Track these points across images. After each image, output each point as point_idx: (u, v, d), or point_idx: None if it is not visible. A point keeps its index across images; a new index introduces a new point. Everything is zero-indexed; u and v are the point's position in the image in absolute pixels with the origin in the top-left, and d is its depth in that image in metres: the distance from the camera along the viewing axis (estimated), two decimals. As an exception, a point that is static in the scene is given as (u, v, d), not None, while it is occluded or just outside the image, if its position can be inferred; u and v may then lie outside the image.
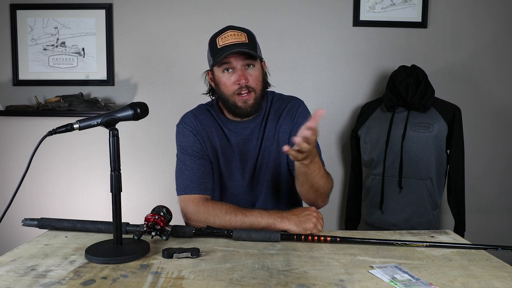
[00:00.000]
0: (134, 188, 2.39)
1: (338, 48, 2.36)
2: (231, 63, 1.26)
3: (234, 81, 1.27)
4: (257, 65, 1.30)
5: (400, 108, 2.01)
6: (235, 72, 1.27)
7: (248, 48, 1.24)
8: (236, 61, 1.26)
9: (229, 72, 1.28)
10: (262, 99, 1.34)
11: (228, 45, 1.24)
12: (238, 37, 1.26)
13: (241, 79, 1.26)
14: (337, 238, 1.12)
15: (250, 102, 1.29)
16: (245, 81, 1.26)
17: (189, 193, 1.29)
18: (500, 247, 1.09)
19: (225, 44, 1.25)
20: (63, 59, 2.34)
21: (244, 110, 1.30)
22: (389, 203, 1.99)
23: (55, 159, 2.36)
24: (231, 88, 1.28)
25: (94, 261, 0.97)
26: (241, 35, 1.27)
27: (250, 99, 1.29)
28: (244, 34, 1.28)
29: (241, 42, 1.25)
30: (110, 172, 1.01)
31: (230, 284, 0.85)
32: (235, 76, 1.27)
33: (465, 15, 2.34)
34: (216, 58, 1.26)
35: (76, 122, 1.01)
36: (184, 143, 1.35)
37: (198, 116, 1.38)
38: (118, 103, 2.33)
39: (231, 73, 1.28)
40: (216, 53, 1.26)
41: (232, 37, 1.26)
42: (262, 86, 1.33)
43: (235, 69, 1.27)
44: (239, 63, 1.26)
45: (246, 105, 1.29)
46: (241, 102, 1.29)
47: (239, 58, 1.26)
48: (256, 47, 1.30)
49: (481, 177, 2.40)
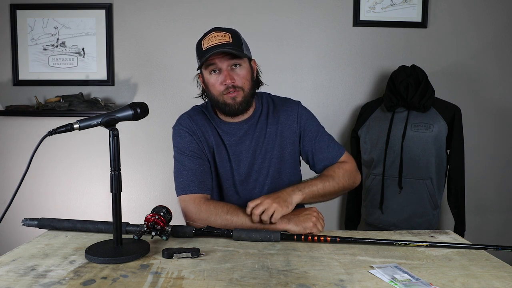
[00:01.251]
0: (134, 188, 2.39)
1: (338, 48, 2.36)
2: (216, 64, 1.26)
3: (221, 82, 1.28)
4: (244, 64, 1.30)
5: (400, 108, 2.01)
6: (221, 72, 1.28)
7: (231, 48, 1.24)
8: (221, 62, 1.26)
9: (216, 73, 1.29)
10: (252, 97, 1.35)
11: (212, 46, 1.24)
12: (222, 37, 1.26)
13: (226, 80, 1.26)
14: (337, 238, 1.12)
15: (238, 100, 1.29)
16: (230, 81, 1.26)
17: (190, 192, 1.29)
18: (500, 247, 1.09)
19: (209, 46, 1.25)
20: (63, 59, 2.34)
21: (233, 107, 1.30)
22: (389, 203, 1.99)
23: (55, 159, 2.36)
24: (218, 88, 1.29)
25: (94, 261, 0.97)
26: (225, 36, 1.27)
27: (238, 96, 1.29)
28: (228, 34, 1.27)
29: (225, 43, 1.25)
30: (110, 172, 1.01)
31: (230, 284, 0.85)
32: (221, 76, 1.27)
33: (465, 15, 2.34)
34: (201, 61, 1.26)
35: (76, 122, 1.01)
36: (181, 144, 1.35)
37: (193, 117, 1.39)
38: (118, 103, 2.33)
39: (218, 74, 1.28)
40: (202, 55, 1.27)
41: (216, 38, 1.26)
42: (251, 85, 1.33)
43: (221, 70, 1.27)
44: (224, 63, 1.26)
45: (234, 102, 1.29)
46: (230, 99, 1.29)
47: (224, 58, 1.26)
48: (242, 46, 1.29)
49: (481, 177, 2.40)
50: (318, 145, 1.40)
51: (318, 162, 1.40)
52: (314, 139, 1.40)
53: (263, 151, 1.37)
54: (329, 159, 1.39)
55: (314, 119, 1.44)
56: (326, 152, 1.39)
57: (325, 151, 1.40)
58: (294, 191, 1.24)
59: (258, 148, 1.37)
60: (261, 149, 1.37)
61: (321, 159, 1.40)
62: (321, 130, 1.43)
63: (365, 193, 2.14)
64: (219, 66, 1.27)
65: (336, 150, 1.41)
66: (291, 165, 1.41)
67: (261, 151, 1.37)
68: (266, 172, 1.38)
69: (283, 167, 1.39)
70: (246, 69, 1.31)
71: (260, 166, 1.37)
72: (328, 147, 1.40)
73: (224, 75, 1.27)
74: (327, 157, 1.39)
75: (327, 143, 1.41)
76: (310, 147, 1.40)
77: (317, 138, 1.40)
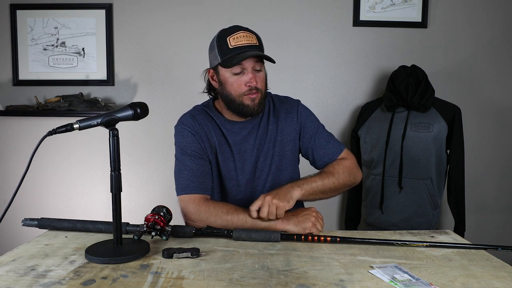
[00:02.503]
0: (134, 188, 2.39)
1: (338, 48, 2.36)
2: (243, 65, 1.26)
3: (245, 82, 1.27)
4: (263, 67, 1.32)
5: (400, 108, 2.01)
6: (244, 73, 1.27)
7: (260, 51, 1.26)
8: (248, 63, 1.26)
9: (238, 73, 1.28)
10: (265, 100, 1.36)
11: (241, 46, 1.24)
12: (250, 38, 1.26)
13: (252, 81, 1.26)
14: (337, 238, 1.12)
15: (257, 101, 1.30)
16: (255, 84, 1.27)
17: (189, 192, 1.28)
18: (500, 247, 1.09)
19: (237, 45, 1.24)
20: (63, 59, 2.34)
21: (251, 109, 1.30)
22: (389, 203, 1.99)
23: (55, 159, 2.36)
24: (239, 89, 1.28)
25: (94, 261, 0.97)
26: (252, 37, 1.27)
27: (257, 98, 1.30)
28: (255, 36, 1.29)
29: (254, 44, 1.26)
30: (110, 172, 1.01)
31: (230, 284, 0.85)
32: (246, 77, 1.27)
33: (465, 15, 2.34)
34: (229, 59, 1.25)
35: (76, 122, 1.01)
36: (183, 143, 1.35)
37: (196, 117, 1.38)
38: (118, 103, 2.33)
39: (240, 74, 1.28)
40: (227, 53, 1.25)
41: (245, 39, 1.25)
42: (265, 88, 1.35)
43: (245, 71, 1.27)
44: (250, 65, 1.27)
45: (253, 104, 1.29)
46: (249, 100, 1.29)
47: (251, 60, 1.26)
48: (264, 49, 1.31)
49: (481, 177, 2.40)
50: (318, 142, 1.41)
51: (318, 159, 1.41)
52: (314, 136, 1.41)
53: (265, 149, 1.38)
54: (329, 155, 1.40)
55: (313, 116, 1.45)
56: (326, 148, 1.41)
57: (325, 147, 1.41)
58: (293, 187, 1.24)
59: (261, 146, 1.38)
60: (263, 148, 1.38)
61: (321, 155, 1.41)
62: (321, 127, 1.44)
63: (365, 193, 2.14)
64: (245, 67, 1.27)
65: (336, 146, 1.42)
66: (292, 162, 1.42)
67: (263, 149, 1.38)
68: (268, 170, 1.38)
69: (284, 164, 1.40)
70: (264, 73, 1.33)
71: (263, 164, 1.38)
72: (328, 143, 1.41)
73: (249, 77, 1.27)
74: (327, 153, 1.40)
75: (327, 139, 1.42)
76: (310, 143, 1.41)
77: (316, 135, 1.41)
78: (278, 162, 1.39)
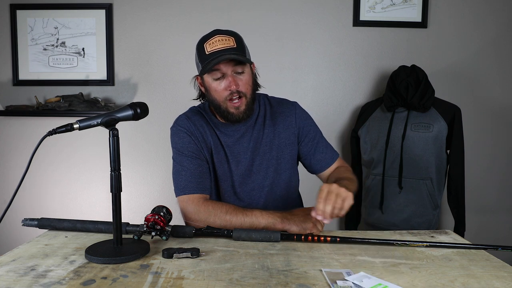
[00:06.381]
0: (134, 188, 2.39)
1: (338, 48, 2.36)
2: (220, 69, 1.25)
3: (225, 87, 1.26)
4: (247, 69, 1.29)
5: (400, 108, 2.01)
6: (225, 78, 1.26)
7: (237, 53, 1.22)
8: (225, 67, 1.24)
9: (219, 78, 1.27)
10: (253, 102, 1.34)
11: (217, 51, 1.22)
12: (226, 42, 1.24)
13: (231, 85, 1.25)
14: (337, 238, 1.12)
15: (242, 108, 1.29)
16: (235, 87, 1.25)
17: (188, 193, 1.28)
18: (500, 247, 1.09)
19: (213, 50, 1.23)
20: (63, 59, 2.35)
21: (236, 117, 1.30)
22: (389, 203, 1.99)
23: (55, 159, 2.36)
24: (221, 94, 1.27)
25: (94, 261, 0.97)
26: (229, 40, 1.25)
27: (241, 105, 1.28)
28: (232, 38, 1.26)
29: (230, 47, 1.23)
30: (110, 172, 1.01)
31: (230, 284, 0.85)
32: (226, 82, 1.26)
33: (465, 15, 2.34)
34: (205, 65, 1.24)
35: (76, 122, 1.01)
36: (179, 144, 1.35)
37: (191, 118, 1.38)
38: (118, 103, 2.33)
39: (221, 79, 1.27)
40: (205, 60, 1.24)
41: (220, 43, 1.23)
42: (252, 90, 1.32)
43: (225, 75, 1.26)
44: (229, 68, 1.25)
45: (238, 112, 1.29)
46: (233, 108, 1.28)
47: (229, 63, 1.24)
48: (245, 50, 1.28)
49: (481, 177, 2.40)
50: (316, 146, 1.42)
51: (315, 163, 1.43)
52: (313, 140, 1.42)
53: (261, 152, 1.37)
54: (326, 160, 1.43)
55: (311, 120, 1.45)
56: (324, 153, 1.42)
57: (324, 151, 1.43)
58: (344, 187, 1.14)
59: (256, 149, 1.37)
60: (259, 151, 1.37)
61: (319, 159, 1.42)
62: (319, 132, 1.45)
63: (365, 193, 2.14)
64: (224, 71, 1.25)
65: (332, 152, 1.45)
66: (290, 166, 1.41)
67: (259, 153, 1.37)
68: (265, 174, 1.38)
69: (282, 168, 1.39)
70: (249, 74, 1.30)
71: (259, 168, 1.37)
72: (326, 149, 1.44)
73: (229, 81, 1.25)
74: (324, 158, 1.42)
75: (325, 145, 1.45)
76: (308, 148, 1.41)
77: (315, 139, 1.42)
78: (276, 165, 1.38)
